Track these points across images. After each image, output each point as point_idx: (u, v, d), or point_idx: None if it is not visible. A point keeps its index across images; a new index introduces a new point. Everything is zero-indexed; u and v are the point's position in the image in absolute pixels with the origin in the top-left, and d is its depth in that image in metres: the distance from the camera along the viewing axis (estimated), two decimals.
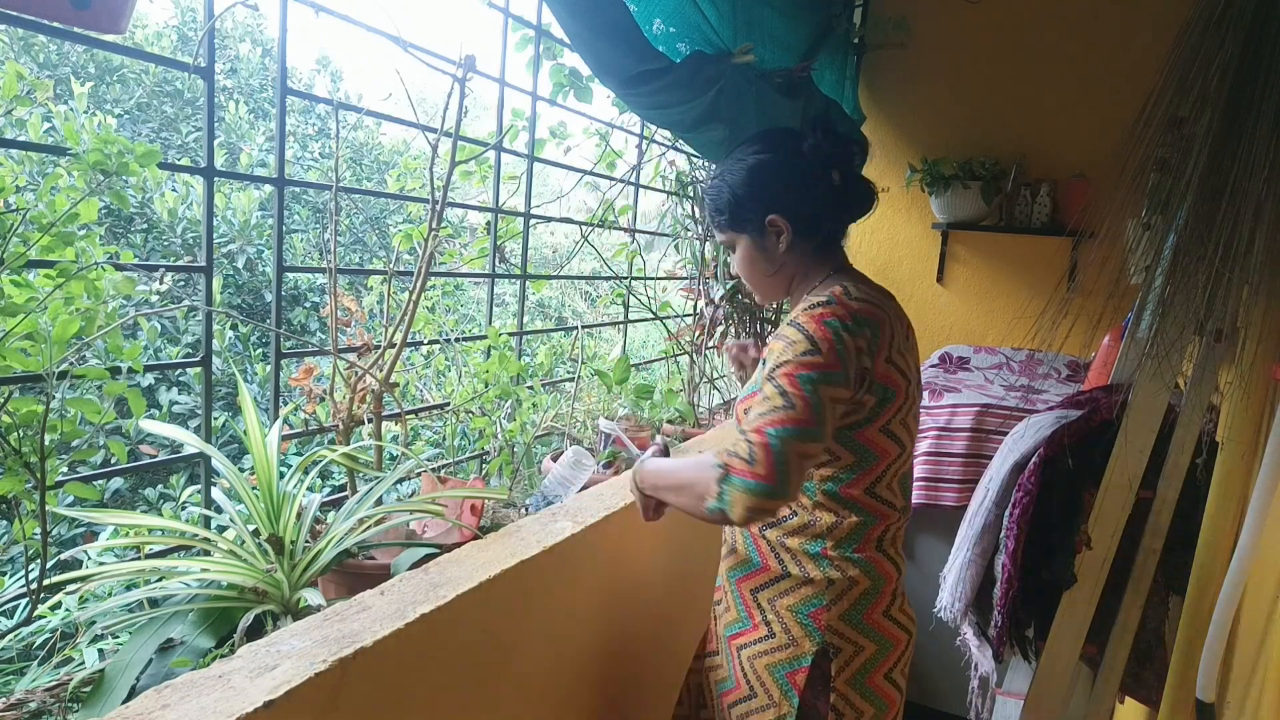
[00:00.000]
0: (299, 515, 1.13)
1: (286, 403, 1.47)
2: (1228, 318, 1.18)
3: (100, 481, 2.53)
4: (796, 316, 1.11)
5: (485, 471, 1.63)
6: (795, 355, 1.05)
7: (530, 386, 1.73)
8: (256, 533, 1.11)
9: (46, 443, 0.92)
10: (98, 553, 1.38)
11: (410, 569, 1.07)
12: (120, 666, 0.89)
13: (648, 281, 2.40)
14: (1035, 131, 2.62)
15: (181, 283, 3.41)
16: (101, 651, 1.05)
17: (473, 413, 1.58)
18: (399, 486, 1.44)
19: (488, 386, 1.57)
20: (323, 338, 3.47)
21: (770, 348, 1.11)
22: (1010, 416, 2.15)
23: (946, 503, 2.17)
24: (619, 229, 2.14)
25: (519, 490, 1.59)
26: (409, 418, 1.52)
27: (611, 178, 2.05)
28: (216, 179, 1.30)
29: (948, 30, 2.71)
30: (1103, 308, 1.26)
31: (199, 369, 1.40)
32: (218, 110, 4.13)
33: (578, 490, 1.50)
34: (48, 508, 0.94)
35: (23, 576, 0.96)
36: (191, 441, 1.14)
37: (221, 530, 1.16)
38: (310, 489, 1.21)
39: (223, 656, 0.83)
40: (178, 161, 3.86)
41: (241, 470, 1.15)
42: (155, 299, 2.10)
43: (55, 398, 0.93)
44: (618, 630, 1.47)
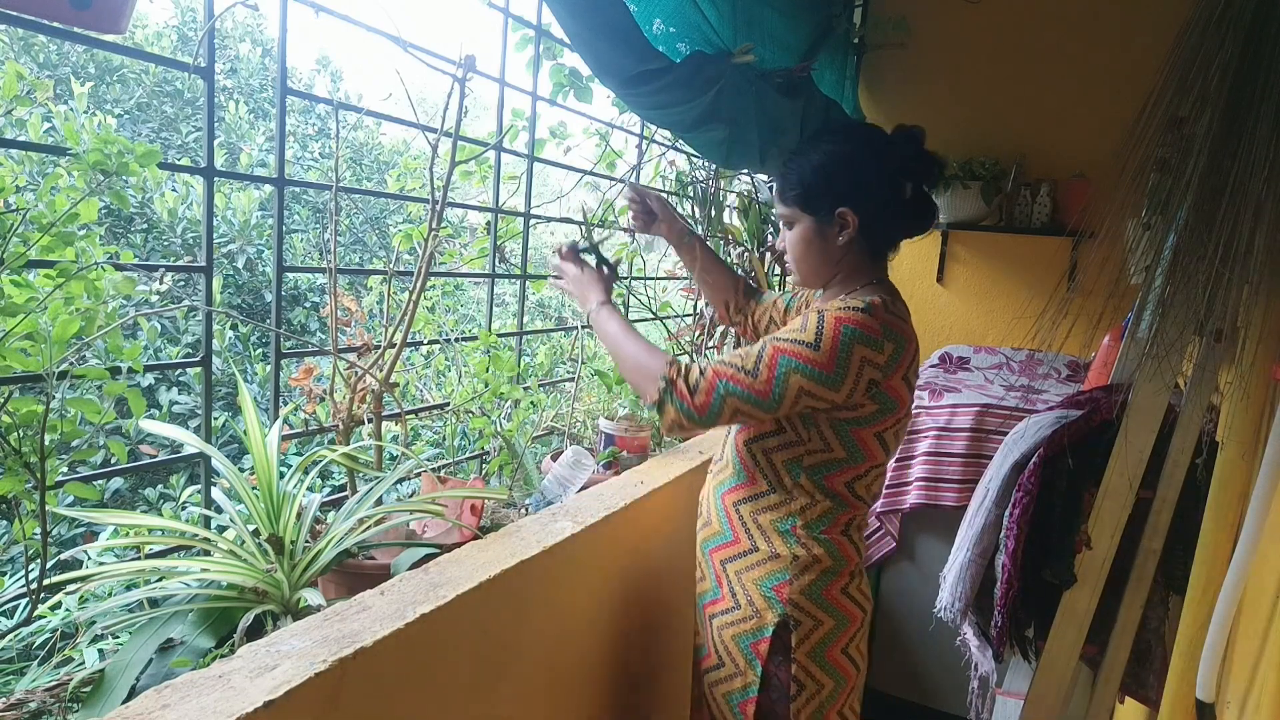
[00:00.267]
0: (299, 515, 1.13)
1: (286, 403, 1.47)
2: (1228, 318, 1.18)
3: (100, 481, 2.53)
4: (827, 307, 1.14)
5: (485, 471, 1.63)
6: (795, 340, 1.11)
7: (528, 387, 1.73)
8: (256, 533, 1.11)
9: (46, 443, 0.92)
10: (98, 553, 1.38)
11: (410, 569, 1.07)
12: (120, 666, 0.89)
13: (648, 281, 2.40)
14: (1035, 131, 2.62)
15: (181, 283, 3.41)
16: (101, 651, 1.05)
17: (473, 413, 1.58)
18: (399, 486, 1.44)
19: (487, 386, 1.57)
20: (323, 338, 3.46)
21: (801, 315, 1.16)
22: (1010, 416, 2.15)
23: (946, 503, 2.17)
24: (619, 229, 2.14)
25: (519, 490, 1.59)
26: (409, 418, 1.52)
27: (611, 178, 2.05)
28: (216, 179, 1.30)
29: (948, 30, 2.71)
30: (1103, 308, 1.26)
31: (199, 369, 1.40)
32: (218, 110, 4.13)
33: (578, 490, 1.50)
34: (48, 508, 0.94)
35: (23, 576, 0.96)
36: (191, 441, 1.14)
37: (221, 530, 1.16)
38: (310, 489, 1.21)
39: (223, 656, 0.83)
40: (178, 161, 3.86)
41: (241, 470, 1.15)
42: (155, 299, 2.10)
43: (55, 398, 0.93)
44: (618, 630, 1.47)
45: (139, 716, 0.70)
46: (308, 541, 1.12)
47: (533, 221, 1.82)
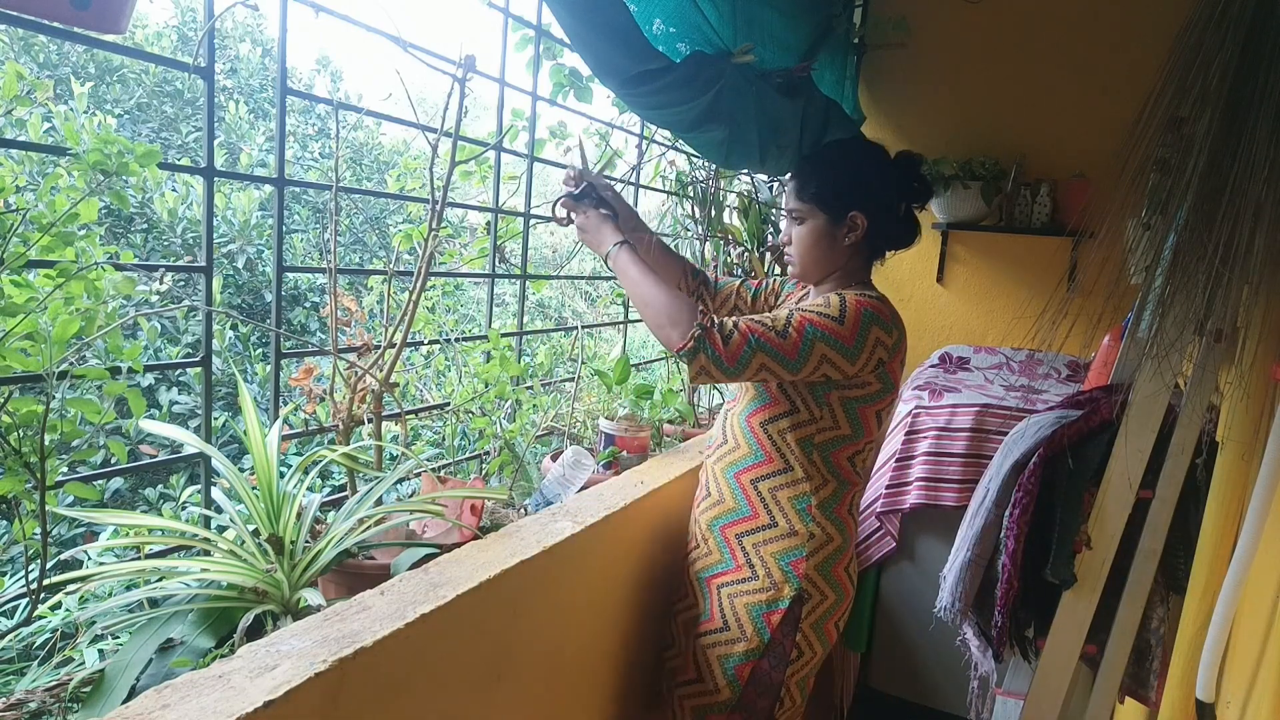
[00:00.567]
0: (299, 515, 1.13)
1: (286, 403, 1.47)
2: (1228, 318, 1.18)
3: (100, 481, 2.53)
4: (842, 291, 1.27)
5: (485, 471, 1.63)
6: (821, 312, 1.22)
7: (530, 387, 1.73)
8: (256, 533, 1.11)
9: (46, 443, 0.92)
10: (98, 553, 1.38)
11: (410, 569, 1.07)
12: (120, 666, 0.89)
13: None
14: (1035, 131, 2.62)
15: (181, 283, 3.41)
16: (101, 651, 1.05)
17: (473, 413, 1.58)
18: (399, 486, 1.44)
19: (488, 386, 1.57)
20: (323, 338, 3.47)
21: (821, 296, 1.29)
22: (1010, 416, 2.15)
23: (946, 503, 2.17)
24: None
25: (519, 490, 1.59)
26: (409, 418, 1.52)
27: (612, 178, 2.05)
28: (216, 179, 1.30)
29: (948, 30, 2.71)
30: (1103, 308, 1.26)
31: (199, 369, 1.40)
32: (218, 110, 4.13)
33: (578, 490, 1.50)
34: (48, 508, 0.94)
35: (23, 576, 0.96)
36: (191, 441, 1.14)
37: (221, 530, 1.15)
38: (310, 489, 1.21)
39: (223, 656, 0.83)
40: (178, 161, 3.86)
41: (241, 470, 1.15)
42: (155, 299, 2.10)
43: (55, 398, 0.93)
44: (618, 631, 1.47)
45: (139, 716, 0.70)
46: (308, 541, 1.12)
47: (533, 221, 1.82)
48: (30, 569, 0.95)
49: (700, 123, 1.70)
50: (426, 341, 1.64)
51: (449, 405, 1.58)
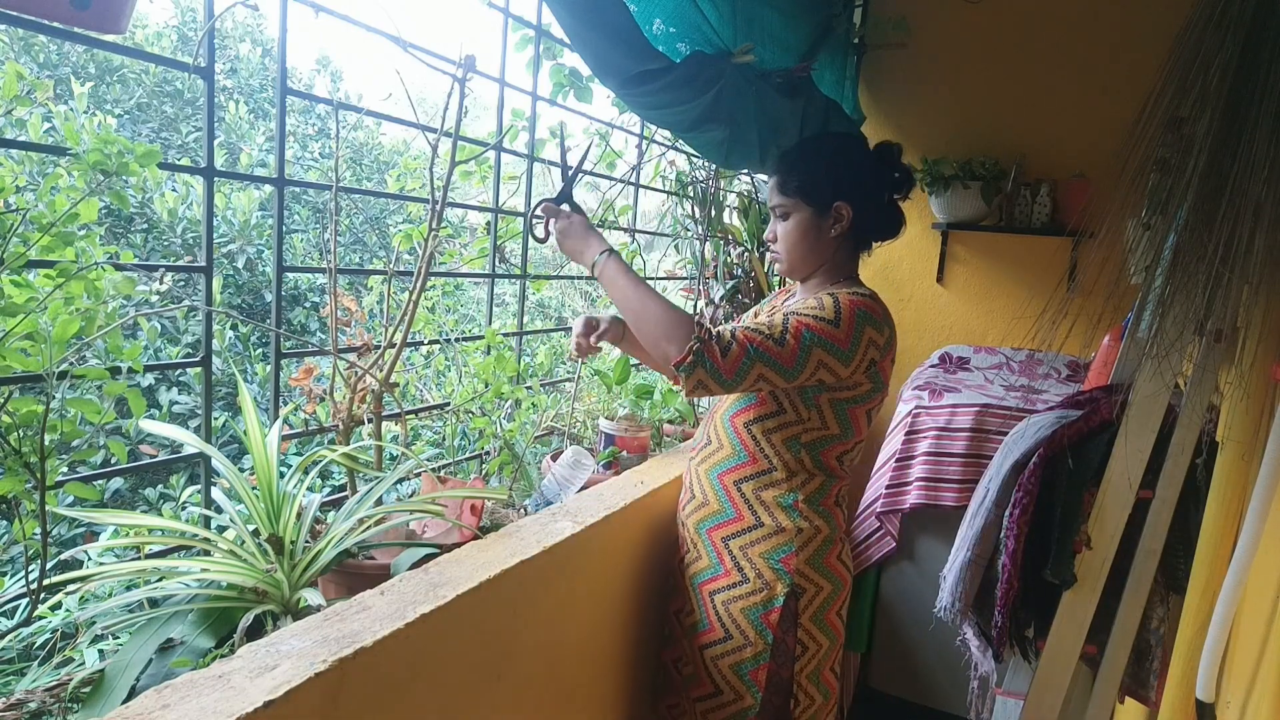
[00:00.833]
0: (299, 515, 1.13)
1: (286, 403, 1.47)
2: (1228, 318, 1.18)
3: (100, 481, 2.53)
4: (834, 290, 1.26)
5: (485, 471, 1.63)
6: (816, 316, 1.23)
7: (529, 387, 1.73)
8: (256, 533, 1.11)
9: (46, 443, 0.92)
10: (98, 553, 1.38)
11: (410, 569, 1.07)
12: (120, 666, 0.89)
13: (647, 282, 2.39)
14: (1035, 131, 2.62)
15: (181, 283, 3.41)
16: (101, 652, 1.05)
17: (473, 413, 1.58)
18: (399, 486, 1.44)
19: (488, 386, 1.57)
20: (323, 338, 3.46)
21: (800, 302, 1.27)
22: (1010, 416, 2.15)
23: (946, 503, 2.17)
24: (619, 229, 2.14)
25: (519, 490, 1.59)
26: (409, 418, 1.52)
27: (611, 178, 2.05)
28: (216, 179, 1.30)
29: (948, 30, 2.70)
30: (1103, 308, 1.26)
31: (199, 369, 1.40)
32: (218, 110, 4.13)
33: (578, 490, 1.50)
34: (48, 508, 0.94)
35: (23, 577, 0.96)
36: (191, 441, 1.14)
37: (221, 530, 1.16)
38: (310, 489, 1.21)
39: (223, 656, 0.83)
40: (178, 161, 3.85)
41: (241, 470, 1.15)
42: (155, 299, 2.10)
43: (55, 398, 0.93)
44: (618, 630, 1.47)
45: (139, 716, 0.70)
46: (308, 541, 1.12)
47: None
48: (30, 569, 0.95)
49: (700, 123, 1.70)
50: (426, 341, 1.64)
51: (449, 405, 1.58)
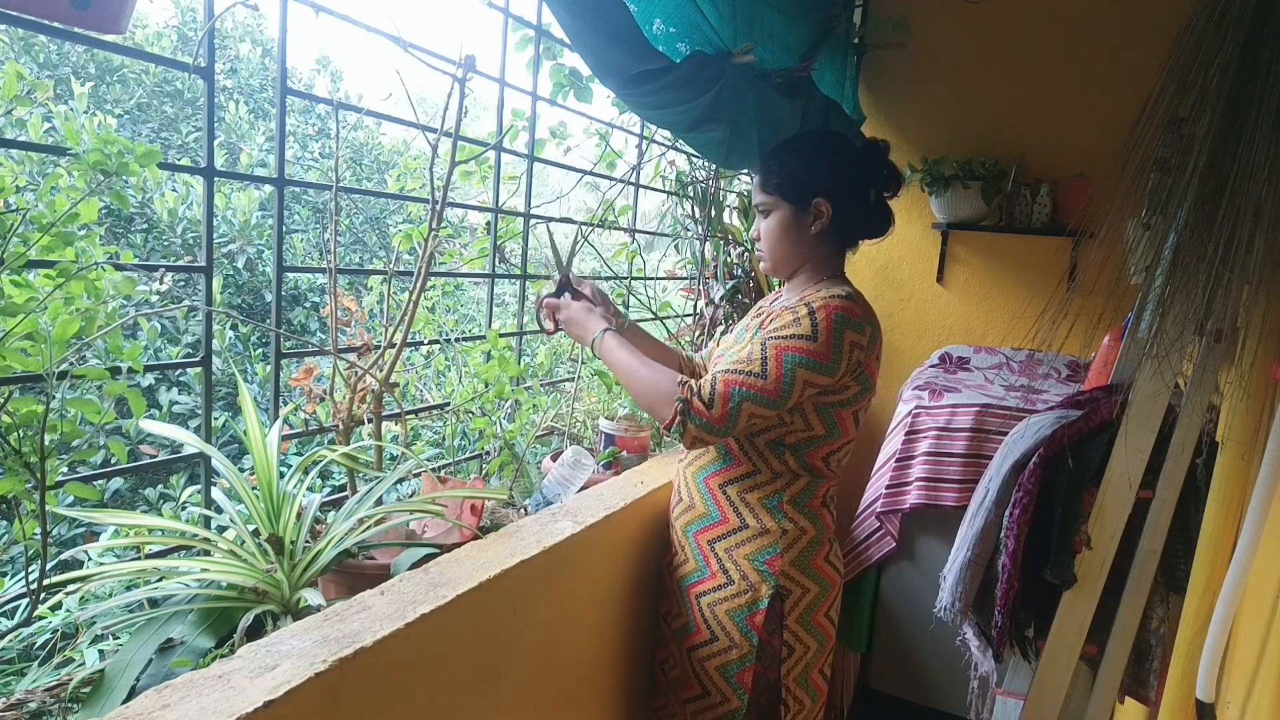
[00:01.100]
0: (299, 515, 1.13)
1: (286, 403, 1.47)
2: (1228, 318, 1.18)
3: (100, 481, 2.53)
4: (810, 299, 1.25)
5: (485, 471, 1.63)
6: (793, 334, 1.20)
7: (529, 387, 1.72)
8: (256, 533, 1.11)
9: (46, 443, 0.92)
10: (98, 553, 1.38)
11: (410, 569, 1.07)
12: (120, 666, 0.89)
13: (648, 281, 2.40)
14: (1035, 131, 2.62)
15: (181, 283, 3.41)
16: (101, 652, 1.05)
17: (473, 413, 1.58)
18: (399, 486, 1.44)
19: (488, 386, 1.57)
20: (323, 338, 3.46)
21: (773, 314, 1.27)
22: (1010, 416, 2.15)
23: (946, 503, 2.17)
24: (619, 229, 2.14)
25: (519, 490, 1.59)
26: (409, 418, 1.52)
27: (611, 178, 2.05)
28: (216, 179, 1.30)
29: (948, 30, 2.70)
30: (1103, 308, 1.26)
31: (199, 369, 1.40)
32: (218, 110, 4.13)
33: (578, 490, 1.50)
34: (48, 508, 0.94)
35: (23, 577, 0.96)
36: (191, 441, 1.14)
37: (221, 530, 1.16)
38: (310, 489, 1.21)
39: (223, 656, 0.83)
40: (178, 161, 3.85)
41: (241, 470, 1.15)
42: (155, 299, 2.10)
43: (55, 398, 0.93)
44: (618, 629, 1.47)
45: (139, 716, 0.70)
46: (308, 541, 1.12)
47: (533, 221, 1.82)
48: (30, 569, 0.95)
49: (700, 123, 1.70)
50: (426, 341, 1.64)
51: (449, 405, 1.58)
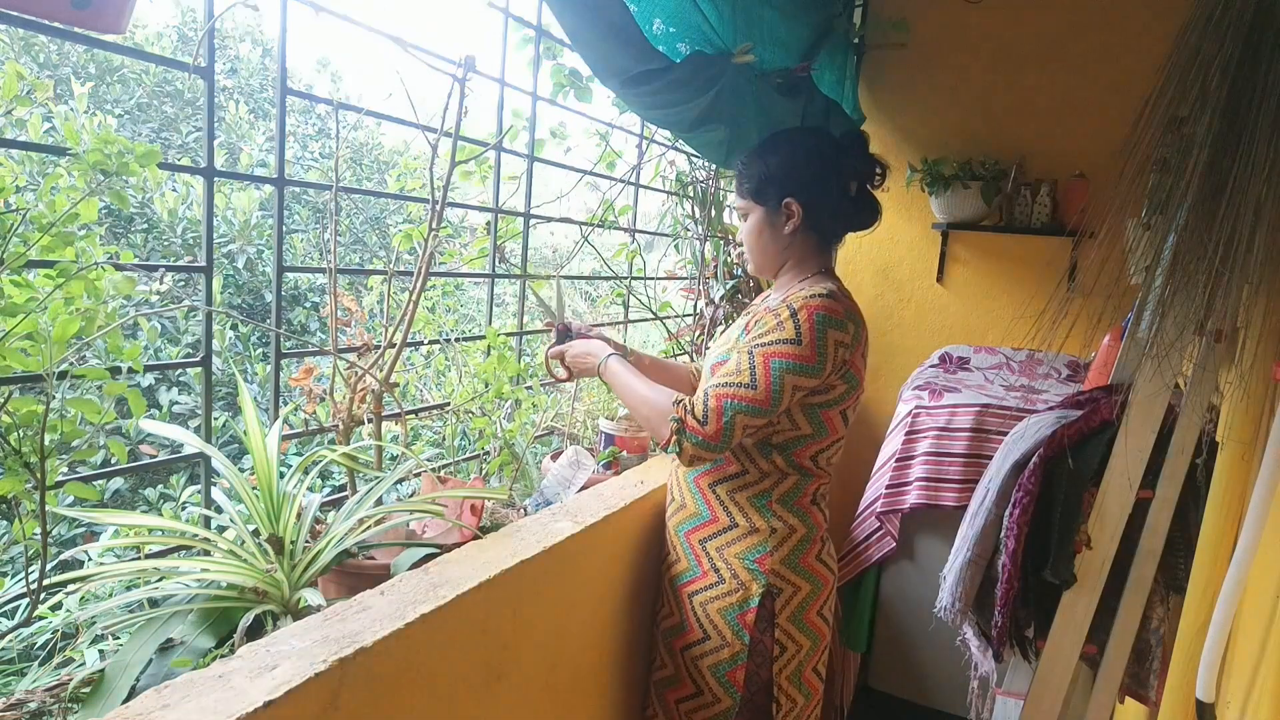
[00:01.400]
0: (299, 515, 1.13)
1: (286, 403, 1.47)
2: (1228, 318, 1.18)
3: (100, 481, 2.53)
4: (792, 299, 1.25)
5: (485, 471, 1.63)
6: (779, 340, 1.20)
7: (529, 387, 1.72)
8: (256, 533, 1.11)
9: (46, 443, 0.92)
10: (98, 553, 1.38)
11: (410, 569, 1.07)
12: (120, 666, 0.89)
13: (648, 281, 2.40)
14: (1035, 131, 2.62)
15: (181, 283, 3.41)
16: (102, 652, 1.05)
17: (473, 413, 1.58)
18: (399, 486, 1.44)
19: (488, 387, 1.57)
20: (323, 338, 3.46)
21: (758, 316, 1.27)
22: (1010, 416, 2.15)
23: (946, 503, 2.17)
24: (619, 229, 2.14)
25: (519, 490, 1.59)
26: (409, 418, 1.52)
27: (611, 178, 2.05)
28: (216, 179, 1.30)
29: (948, 30, 2.70)
30: (1103, 308, 1.26)
31: (199, 369, 1.40)
32: (218, 110, 4.13)
33: (578, 490, 1.50)
34: (48, 508, 0.94)
35: (23, 577, 0.96)
36: (191, 441, 1.14)
37: (221, 530, 1.15)
38: (310, 489, 1.21)
39: (223, 656, 0.83)
40: (178, 161, 3.85)
41: (241, 470, 1.15)
42: (155, 299, 2.10)
43: (55, 398, 0.93)
44: (618, 629, 1.47)
45: (139, 716, 0.70)
46: (308, 541, 1.12)
47: (533, 221, 1.82)
48: (30, 569, 0.95)
49: (700, 123, 1.70)
50: (426, 341, 1.64)
51: (449, 405, 1.58)
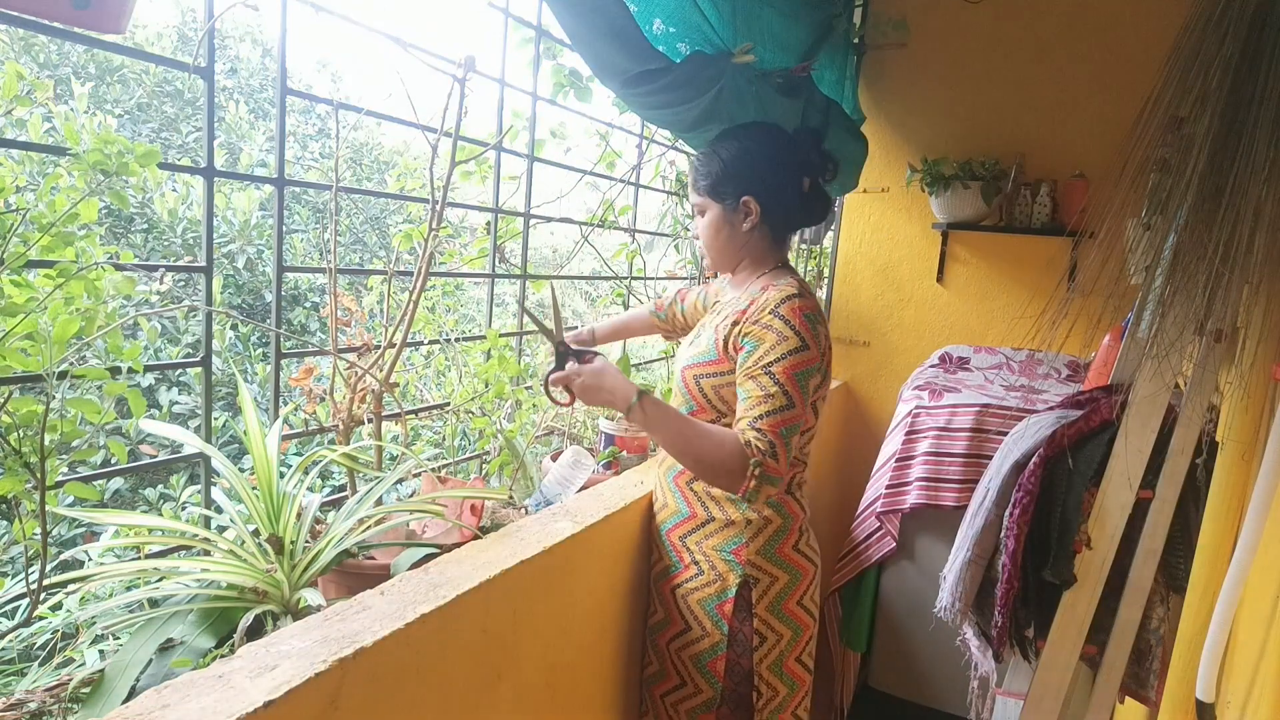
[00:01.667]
0: (299, 515, 1.13)
1: (286, 403, 1.47)
2: (1228, 318, 1.18)
3: (100, 481, 2.53)
4: (777, 307, 1.24)
5: (485, 471, 1.63)
6: (789, 351, 1.20)
7: (529, 387, 1.72)
8: (256, 533, 1.11)
9: (46, 443, 0.92)
10: (98, 553, 1.38)
11: (410, 569, 1.07)
12: (120, 666, 0.89)
13: (648, 281, 2.40)
14: (1035, 131, 2.62)
15: (181, 283, 3.42)
16: (102, 652, 1.05)
17: (473, 413, 1.58)
18: (399, 486, 1.44)
19: (488, 386, 1.57)
20: (323, 338, 3.46)
21: (752, 334, 1.24)
22: (1010, 416, 2.15)
23: (946, 503, 2.17)
24: (619, 229, 2.14)
25: (519, 490, 1.59)
26: (409, 418, 1.52)
27: (611, 178, 2.05)
28: (216, 179, 1.30)
29: (948, 30, 2.70)
30: (1103, 308, 1.26)
31: (199, 369, 1.40)
32: (218, 110, 4.13)
33: (577, 490, 1.50)
34: (48, 508, 0.94)
35: (23, 577, 0.96)
36: (191, 442, 1.14)
37: (221, 530, 1.16)
38: (310, 489, 1.21)
39: (223, 656, 0.83)
40: (178, 161, 3.85)
41: (241, 470, 1.15)
42: (155, 299, 2.10)
43: (55, 398, 0.93)
44: (618, 629, 1.47)
45: (139, 716, 0.70)
46: (308, 541, 1.12)
47: (533, 221, 1.82)
48: (30, 569, 0.95)
49: (700, 123, 1.70)
50: (426, 341, 1.64)
51: (449, 405, 1.58)
